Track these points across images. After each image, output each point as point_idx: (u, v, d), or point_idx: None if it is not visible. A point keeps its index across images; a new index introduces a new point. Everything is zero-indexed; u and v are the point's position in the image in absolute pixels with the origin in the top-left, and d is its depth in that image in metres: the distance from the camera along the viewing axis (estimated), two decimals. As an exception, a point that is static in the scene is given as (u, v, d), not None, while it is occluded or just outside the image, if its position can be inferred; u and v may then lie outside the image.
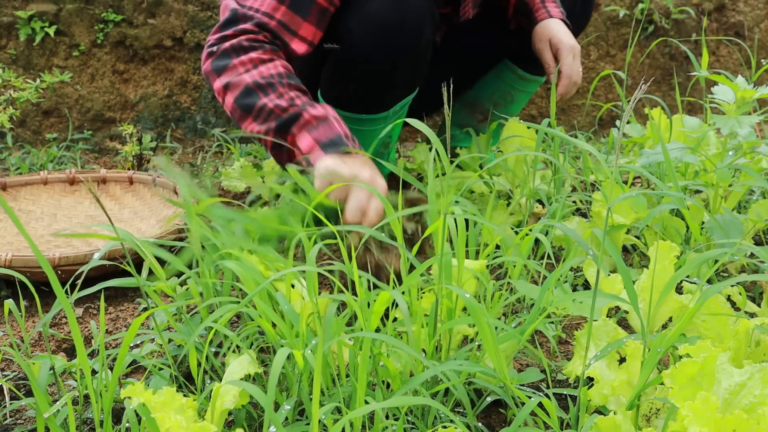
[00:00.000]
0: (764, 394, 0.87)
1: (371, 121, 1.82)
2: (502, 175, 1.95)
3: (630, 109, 0.93)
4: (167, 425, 0.84)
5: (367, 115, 1.81)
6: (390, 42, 1.66)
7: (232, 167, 2.17)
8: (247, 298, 1.02)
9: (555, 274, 1.05)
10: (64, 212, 2.07)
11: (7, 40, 2.61)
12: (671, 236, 1.58)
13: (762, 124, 2.46)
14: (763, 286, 1.49)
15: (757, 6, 3.03)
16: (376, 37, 1.66)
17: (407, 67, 1.73)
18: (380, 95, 1.78)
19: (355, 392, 0.98)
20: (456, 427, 0.92)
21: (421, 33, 1.70)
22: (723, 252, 1.02)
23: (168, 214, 2.01)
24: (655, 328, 1.17)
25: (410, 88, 1.82)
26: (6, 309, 1.20)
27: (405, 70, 1.73)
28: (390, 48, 1.67)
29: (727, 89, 1.55)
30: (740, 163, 1.58)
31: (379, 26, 1.65)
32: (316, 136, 1.50)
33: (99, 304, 1.47)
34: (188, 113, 2.72)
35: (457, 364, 1.01)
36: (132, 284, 1.14)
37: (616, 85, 1.97)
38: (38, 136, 2.68)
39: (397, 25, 1.65)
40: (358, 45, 1.67)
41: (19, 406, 1.22)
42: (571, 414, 1.07)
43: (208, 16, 2.64)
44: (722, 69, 2.95)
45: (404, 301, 0.96)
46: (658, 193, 1.29)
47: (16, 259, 1.57)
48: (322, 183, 1.42)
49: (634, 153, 2.12)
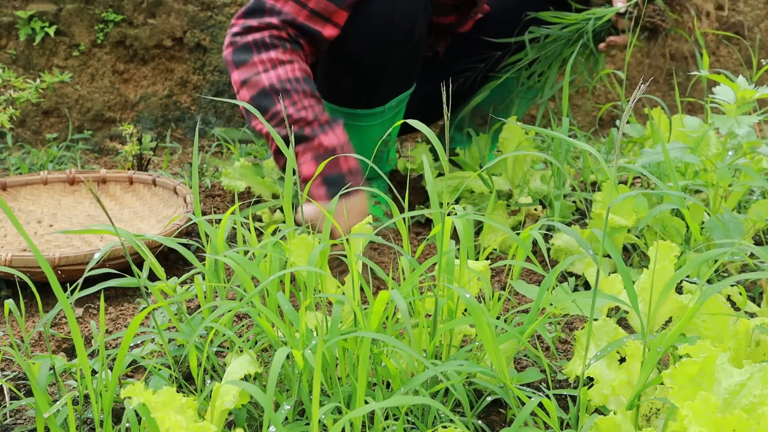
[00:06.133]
0: (764, 394, 0.87)
1: (367, 116, 1.82)
2: (502, 175, 1.95)
3: (630, 109, 0.93)
4: (167, 425, 0.84)
5: (363, 110, 1.81)
6: (382, 34, 1.68)
7: (232, 167, 2.17)
8: (247, 298, 1.02)
9: (553, 273, 1.05)
10: (64, 212, 2.07)
11: (7, 40, 2.61)
12: (671, 236, 1.58)
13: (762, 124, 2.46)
14: (763, 286, 1.49)
15: (757, 6, 3.03)
16: (368, 29, 1.67)
17: (400, 59, 1.74)
18: (375, 89, 1.78)
19: (355, 392, 0.98)
20: (456, 427, 0.92)
21: (413, 25, 1.71)
22: (723, 252, 1.02)
23: (168, 214, 2.01)
24: (655, 328, 1.17)
25: (406, 82, 1.83)
26: (6, 309, 1.20)
27: (398, 63, 1.75)
28: (382, 40, 1.68)
29: (727, 89, 1.55)
30: (740, 163, 1.58)
31: (371, 19, 1.66)
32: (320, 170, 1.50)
33: (99, 304, 1.47)
34: (188, 113, 2.72)
35: (457, 364, 1.01)
36: (132, 284, 1.14)
37: (616, 85, 1.97)
38: (38, 136, 2.68)
39: (389, 17, 1.67)
40: (350, 38, 1.68)
41: (19, 406, 1.22)
42: (571, 414, 1.07)
43: (208, 16, 2.64)
44: (722, 69, 2.95)
45: (402, 301, 0.96)
46: (658, 193, 1.29)
47: (16, 259, 1.57)
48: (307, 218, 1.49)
49: (634, 153, 2.12)
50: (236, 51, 1.63)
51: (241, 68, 1.62)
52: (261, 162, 2.30)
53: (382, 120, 1.84)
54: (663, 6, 1.81)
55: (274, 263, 1.17)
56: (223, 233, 1.22)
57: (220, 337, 1.21)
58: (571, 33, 1.89)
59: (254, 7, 1.65)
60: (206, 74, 2.69)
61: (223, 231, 1.22)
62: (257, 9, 1.64)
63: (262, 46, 1.61)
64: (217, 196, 2.21)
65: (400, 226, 1.21)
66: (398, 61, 1.74)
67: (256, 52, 1.61)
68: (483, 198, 1.93)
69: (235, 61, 1.63)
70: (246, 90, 1.61)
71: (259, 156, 2.52)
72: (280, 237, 1.19)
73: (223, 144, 2.56)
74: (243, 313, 1.49)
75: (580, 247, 1.54)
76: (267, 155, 2.47)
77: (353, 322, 1.10)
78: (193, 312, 1.51)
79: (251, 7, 1.65)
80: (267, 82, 1.59)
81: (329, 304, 1.41)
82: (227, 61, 1.65)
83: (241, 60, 1.62)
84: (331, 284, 1.20)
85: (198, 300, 1.47)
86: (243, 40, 1.63)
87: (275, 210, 2.05)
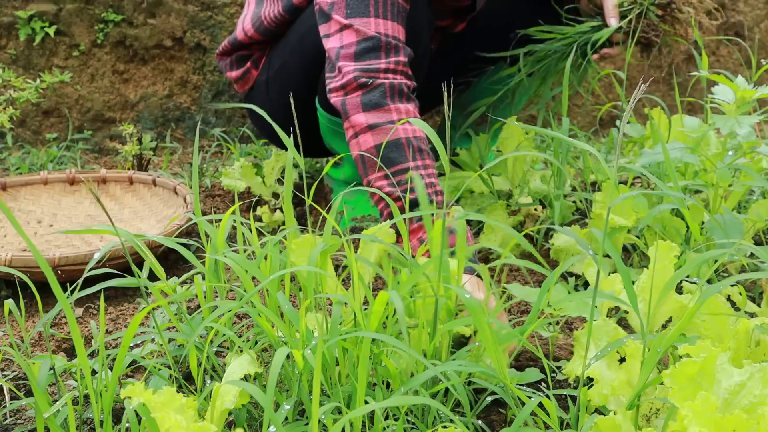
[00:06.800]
0: (764, 394, 0.87)
1: None
2: (502, 175, 1.95)
3: (630, 109, 0.93)
4: (167, 425, 0.85)
5: None
6: None
7: (232, 167, 2.17)
8: (246, 297, 1.02)
9: (554, 274, 1.05)
10: (64, 212, 2.07)
11: (7, 40, 2.61)
12: (671, 236, 1.58)
13: (762, 124, 2.46)
14: (763, 286, 1.49)
15: (757, 6, 3.03)
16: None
17: None
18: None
19: (355, 392, 0.98)
20: (456, 427, 0.92)
21: (418, 42, 1.70)
22: (723, 252, 1.02)
23: (168, 214, 2.01)
24: (655, 328, 1.17)
25: None
26: (6, 309, 1.20)
27: None
28: None
29: (727, 89, 1.55)
30: (740, 163, 1.58)
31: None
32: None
33: (99, 304, 1.47)
34: (188, 113, 2.72)
35: (457, 365, 1.01)
36: (132, 284, 1.14)
37: (616, 85, 1.97)
38: (38, 136, 2.68)
39: None
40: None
41: (19, 406, 1.22)
42: (571, 414, 1.07)
43: (208, 16, 2.64)
44: (722, 69, 2.95)
45: (400, 301, 0.96)
46: (658, 193, 1.29)
47: (16, 259, 1.57)
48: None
49: (634, 153, 2.12)
50: (368, 92, 1.48)
51: (371, 111, 1.47)
52: (261, 162, 2.31)
53: None
54: (656, 20, 1.81)
55: (275, 263, 1.17)
56: (223, 233, 1.22)
57: (220, 337, 1.21)
58: (564, 47, 1.90)
59: (372, 46, 1.52)
60: (206, 74, 2.69)
61: (223, 231, 1.22)
62: (377, 47, 1.51)
63: (401, 95, 1.49)
64: (217, 196, 2.21)
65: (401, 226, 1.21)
66: None
67: (391, 101, 1.48)
68: (483, 198, 1.93)
69: (364, 102, 1.48)
70: (373, 136, 1.47)
71: (259, 156, 2.52)
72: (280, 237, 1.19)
73: (223, 144, 2.56)
74: (243, 313, 1.49)
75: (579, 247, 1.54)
76: (267, 155, 2.47)
77: (353, 322, 1.10)
78: (193, 312, 1.51)
79: (368, 45, 1.52)
80: (404, 135, 1.45)
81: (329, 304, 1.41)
82: (351, 104, 1.50)
83: (373, 102, 1.48)
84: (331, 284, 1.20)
85: (198, 300, 1.47)
86: (377, 82, 1.49)
87: (275, 210, 2.06)
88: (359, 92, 1.50)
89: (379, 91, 1.49)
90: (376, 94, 1.49)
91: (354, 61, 1.52)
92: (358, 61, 1.52)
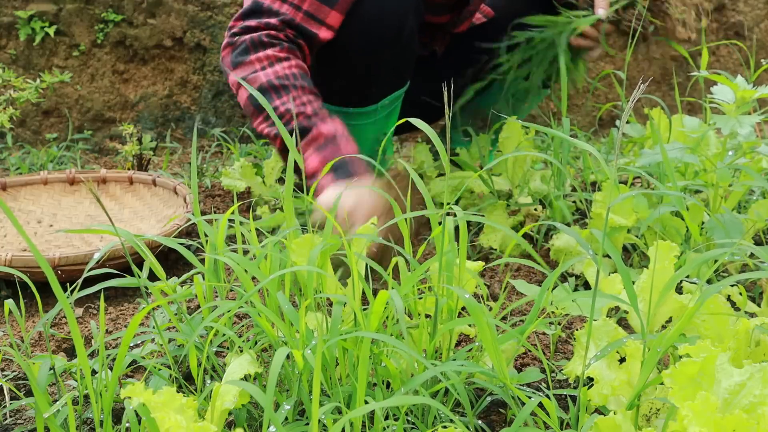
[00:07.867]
0: (764, 394, 0.87)
1: (359, 115, 1.83)
2: (502, 175, 1.95)
3: (630, 109, 0.93)
4: (167, 425, 0.84)
5: (355, 109, 1.81)
6: (372, 33, 1.68)
7: (232, 167, 2.17)
8: (246, 297, 1.02)
9: (554, 274, 1.05)
10: (64, 212, 2.07)
11: (7, 40, 2.61)
12: (671, 236, 1.58)
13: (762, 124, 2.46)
14: (763, 286, 1.49)
15: (757, 6, 3.03)
16: (357, 28, 1.68)
17: (391, 58, 1.74)
18: (366, 88, 1.79)
19: (355, 392, 0.98)
20: (456, 427, 0.92)
21: (402, 24, 1.71)
22: (723, 252, 1.02)
23: (168, 214, 2.01)
24: (655, 328, 1.17)
25: (397, 81, 1.83)
26: (6, 309, 1.20)
27: (389, 62, 1.75)
28: (372, 39, 1.69)
29: (726, 89, 1.55)
30: (740, 163, 1.58)
31: (361, 18, 1.67)
32: (323, 158, 1.51)
33: (99, 304, 1.47)
34: (188, 113, 2.72)
35: (457, 365, 1.01)
36: (132, 284, 1.14)
37: (616, 85, 1.97)
38: (38, 136, 2.68)
39: (378, 16, 1.67)
40: (341, 37, 1.68)
41: (19, 406, 1.22)
42: (571, 414, 1.07)
43: (208, 16, 2.64)
44: (722, 69, 2.95)
45: (400, 301, 0.96)
46: (658, 193, 1.29)
47: (16, 258, 1.57)
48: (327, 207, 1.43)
49: (634, 153, 2.11)
50: (233, 53, 1.61)
51: (238, 68, 1.60)
52: (261, 162, 2.31)
53: (375, 119, 1.85)
54: (644, 12, 1.81)
55: (275, 263, 1.17)
56: (223, 233, 1.22)
57: (220, 337, 1.21)
58: (553, 36, 1.89)
59: (252, 8, 1.63)
60: (206, 74, 2.69)
61: (222, 231, 1.22)
62: (255, 10, 1.63)
63: (260, 45, 1.60)
64: (217, 196, 2.21)
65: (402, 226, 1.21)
66: (389, 59, 1.74)
67: (253, 51, 1.60)
68: (483, 198, 1.93)
69: (232, 62, 1.61)
70: (243, 90, 1.59)
71: (259, 156, 2.52)
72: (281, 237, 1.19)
73: (223, 144, 2.56)
74: (243, 313, 1.49)
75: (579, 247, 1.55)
76: (267, 155, 2.47)
77: (353, 322, 1.10)
78: (193, 312, 1.51)
79: (249, 8, 1.64)
80: (264, 78, 1.57)
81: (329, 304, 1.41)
82: (225, 63, 1.63)
83: (238, 60, 1.61)
84: (331, 284, 1.20)
85: (198, 300, 1.47)
86: (241, 40, 1.61)
87: (275, 209, 2.05)
88: (228, 51, 1.63)
89: (241, 48, 1.61)
90: (240, 50, 1.61)
91: (236, 22, 1.65)
92: (236, 22, 1.65)
